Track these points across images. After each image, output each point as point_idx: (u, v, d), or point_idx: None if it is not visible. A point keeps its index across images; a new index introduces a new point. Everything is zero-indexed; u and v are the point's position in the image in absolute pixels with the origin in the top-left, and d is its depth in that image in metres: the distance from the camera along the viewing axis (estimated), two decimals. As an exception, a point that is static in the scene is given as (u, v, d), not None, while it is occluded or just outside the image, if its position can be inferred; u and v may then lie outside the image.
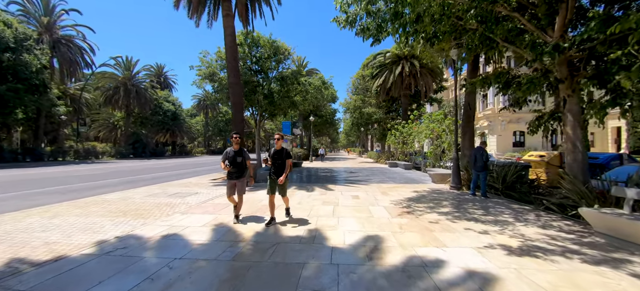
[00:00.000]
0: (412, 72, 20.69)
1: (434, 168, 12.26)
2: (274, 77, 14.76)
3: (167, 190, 8.86)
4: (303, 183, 10.64)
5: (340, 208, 6.23)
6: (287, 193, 5.38)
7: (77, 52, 28.32)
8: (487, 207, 6.36)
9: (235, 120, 12.42)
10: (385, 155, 24.16)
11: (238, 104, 12.33)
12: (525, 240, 4.06)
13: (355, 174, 14.56)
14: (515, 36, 6.23)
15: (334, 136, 71.99)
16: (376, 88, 22.88)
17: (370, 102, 26.04)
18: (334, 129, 48.96)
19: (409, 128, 16.62)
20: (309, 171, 17.02)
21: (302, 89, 15.83)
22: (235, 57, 12.45)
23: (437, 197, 7.70)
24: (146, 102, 36.78)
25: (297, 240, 4.08)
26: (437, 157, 13.79)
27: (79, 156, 29.28)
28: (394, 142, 20.10)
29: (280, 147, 5.05)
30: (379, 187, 9.71)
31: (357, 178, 12.74)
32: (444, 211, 5.92)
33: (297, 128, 27.58)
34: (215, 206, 6.42)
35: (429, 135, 13.86)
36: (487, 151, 7.50)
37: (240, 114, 12.42)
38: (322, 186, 9.81)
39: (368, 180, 11.72)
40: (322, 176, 13.71)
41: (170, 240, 4.03)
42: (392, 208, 6.17)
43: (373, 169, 18.07)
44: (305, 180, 12.15)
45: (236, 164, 4.99)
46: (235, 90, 12.30)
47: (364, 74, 26.53)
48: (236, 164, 4.99)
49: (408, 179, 12.09)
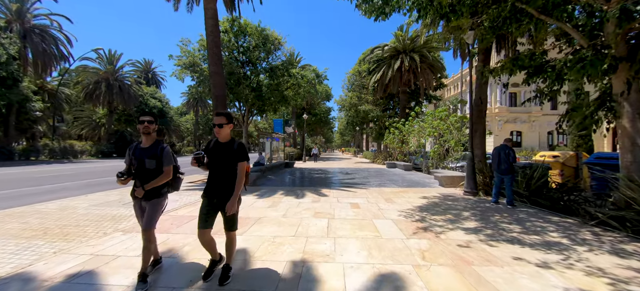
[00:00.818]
0: (411, 67, 19.45)
1: (442, 170, 10.98)
2: (263, 69, 13.31)
3: (126, 196, 7.35)
4: (293, 187, 9.24)
5: (337, 222, 4.85)
6: (277, 195, 3.92)
7: (52, 43, 26.24)
8: (520, 219, 5.07)
9: (215, 113, 10.92)
10: (382, 155, 22.93)
11: (220, 97, 10.85)
12: (612, 280, 2.75)
13: (352, 176, 13.22)
14: (556, 6, 4.95)
15: (329, 135, 70.75)
16: (373, 85, 21.59)
17: (366, 99, 24.75)
18: (328, 128, 47.64)
19: (409, 126, 15.39)
20: (301, 172, 15.61)
21: (294, 82, 14.41)
22: (217, 43, 10.96)
23: (452, 205, 6.39)
24: (130, 99, 34.75)
25: None
26: (441, 157, 12.56)
27: (55, 155, 27.25)
28: (393, 142, 18.84)
29: (229, 137, 2.74)
30: (381, 191, 8.37)
31: (354, 180, 11.40)
32: (469, 226, 4.60)
33: (290, 126, 26.14)
34: (175, 220, 4.97)
35: (432, 133, 12.62)
36: (513, 149, 6.22)
37: (222, 108, 10.94)
38: (315, 191, 8.42)
39: (366, 183, 10.38)
40: (315, 178, 12.33)
41: (73, 286, 2.58)
42: (403, 223, 4.82)
43: (370, 170, 16.77)
44: (297, 182, 10.75)
45: (143, 172, 2.68)
46: (217, 81, 10.82)
47: (360, 70, 25.23)
48: (143, 172, 2.68)
49: (411, 182, 10.79)
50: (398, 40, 20.28)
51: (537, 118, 36.57)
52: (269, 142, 19.59)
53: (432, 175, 12.07)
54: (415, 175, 13.67)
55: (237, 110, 15.87)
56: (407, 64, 18.94)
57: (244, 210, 5.65)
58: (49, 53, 26.20)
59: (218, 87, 10.85)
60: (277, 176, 12.96)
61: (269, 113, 20.24)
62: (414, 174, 13.99)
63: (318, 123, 37.64)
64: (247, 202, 6.57)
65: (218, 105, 10.87)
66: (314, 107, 34.64)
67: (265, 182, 10.74)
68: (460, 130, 12.08)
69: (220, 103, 10.89)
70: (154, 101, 38.29)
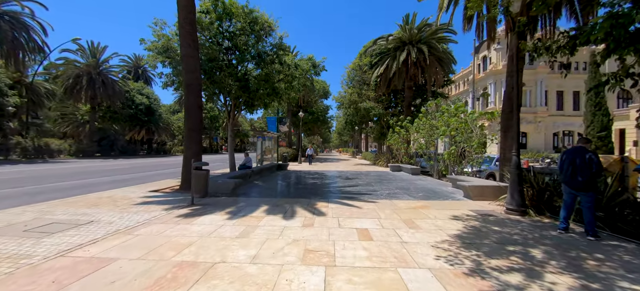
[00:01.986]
0: (419, 59, 17.52)
1: (463, 177, 9.05)
2: (251, 56, 11.28)
3: (54, 211, 5.35)
4: (281, 199, 7.25)
5: (341, 274, 2.89)
6: (257, 213, 3.37)
7: (23, 31, 23.95)
8: (628, 266, 3.15)
9: (189, 109, 8.93)
10: (384, 157, 21.02)
11: (194, 86, 8.84)
12: None
13: (354, 182, 11.28)
14: None
15: (326, 135, 68.89)
16: (375, 79, 19.65)
17: (368, 96, 22.78)
18: (326, 127, 45.70)
19: (418, 124, 13.48)
20: (295, 176, 13.64)
21: (286, 73, 12.41)
22: (190, 20, 8.93)
23: (504, 233, 4.46)
24: (115, 94, 32.51)
25: None
26: (457, 161, 10.68)
27: (28, 154, 25.01)
28: (397, 142, 16.94)
29: None
30: (395, 207, 6.43)
31: (357, 188, 9.45)
32: (562, 285, 2.67)
33: (284, 124, 24.15)
34: (70, 267, 2.97)
35: (447, 132, 10.71)
36: (596, 154, 4.29)
37: (196, 99, 8.93)
38: (308, 205, 6.45)
39: (373, 193, 8.43)
40: (309, 184, 10.36)
41: None
42: (450, 277, 2.87)
43: (373, 174, 14.83)
44: (287, 191, 8.75)
45: None
46: (190, 66, 8.82)
47: (361, 64, 23.30)
48: None
49: (427, 191, 8.86)
50: (404, 30, 18.36)
51: (543, 119, 35.05)
52: (260, 141, 17.61)
53: (449, 182, 10.18)
54: (426, 180, 11.76)
55: (222, 105, 13.86)
56: (414, 55, 17.00)
57: (197, 244, 3.69)
58: (20, 42, 23.89)
59: (191, 73, 8.84)
60: (266, 181, 10.98)
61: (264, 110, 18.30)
62: (424, 179, 12.08)
63: (315, 122, 35.68)
64: (210, 226, 4.60)
65: (190, 97, 8.85)
66: (310, 105, 32.67)
67: (248, 190, 8.75)
68: (482, 129, 10.18)
69: (193, 94, 8.88)
70: (141, 97, 36.08)
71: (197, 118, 8.95)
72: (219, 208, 6.01)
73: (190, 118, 8.85)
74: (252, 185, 9.69)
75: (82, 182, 11.05)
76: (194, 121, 8.86)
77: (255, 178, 11.64)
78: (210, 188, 7.44)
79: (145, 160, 28.42)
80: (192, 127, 8.82)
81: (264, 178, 11.96)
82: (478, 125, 10.24)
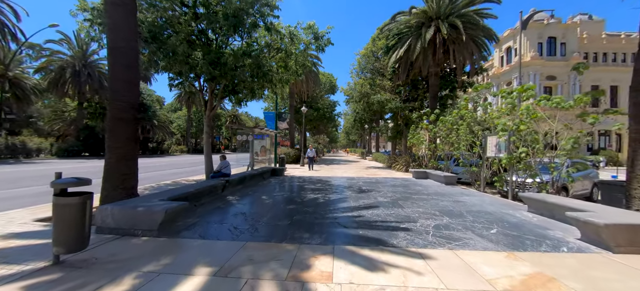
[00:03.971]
0: (450, 37, 13.85)
1: (581, 204, 5.42)
2: (223, 17, 7.93)
3: None
4: (250, 242, 3.87)
5: None
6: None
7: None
8: None
9: (114, 84, 5.68)
10: (402, 159, 17.45)
11: (122, 50, 5.60)
12: None
13: (371, 197, 7.83)
14: None
15: (333, 134, 65.46)
16: (393, 65, 16.12)
17: (382, 86, 19.15)
18: (332, 126, 42.25)
19: (452, 118, 9.99)
20: (290, 186, 10.30)
21: (277, 44, 9.07)
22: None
23: None
24: (102, 89, 29.83)
25: None
26: (531, 171, 7.14)
27: (0, 154, 22.44)
28: (422, 141, 13.44)
29: None
30: (469, 271, 2.99)
31: (379, 211, 5.99)
32: None
33: (284, 120, 20.89)
34: None
35: (516, 126, 7.20)
36: None
37: (126, 72, 5.65)
38: (294, 264, 3.06)
39: (407, 222, 4.99)
40: (307, 203, 6.96)
41: None
42: None
43: (394, 183, 11.36)
44: (266, 220, 5.33)
45: None
46: (117, 20, 5.58)
47: (375, 49, 19.78)
48: None
49: (497, 222, 5.36)
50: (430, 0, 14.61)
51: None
52: (251, 140, 14.40)
53: (521, 203, 6.68)
54: (473, 195, 8.24)
55: (198, 92, 10.68)
56: (445, 31, 13.32)
57: None
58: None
59: (118, 31, 5.59)
60: (243, 198, 7.67)
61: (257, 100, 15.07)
62: (469, 194, 8.56)
63: (321, 119, 32.28)
64: None
65: (116, 67, 5.59)
66: (315, 100, 29.30)
67: (202, 218, 5.43)
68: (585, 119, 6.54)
69: (121, 64, 5.62)
70: (132, 92, 33.30)
71: (127, 99, 5.68)
72: (94, 283, 2.70)
73: (116, 101, 5.59)
74: (216, 208, 6.38)
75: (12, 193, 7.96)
76: (121, 105, 5.60)
77: (232, 192, 8.35)
78: (124, 222, 4.17)
79: (132, 160, 25.50)
80: (119, 114, 5.58)
81: (245, 192, 8.66)
82: (577, 114, 6.61)
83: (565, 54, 34.91)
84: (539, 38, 34.23)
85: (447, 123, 10.74)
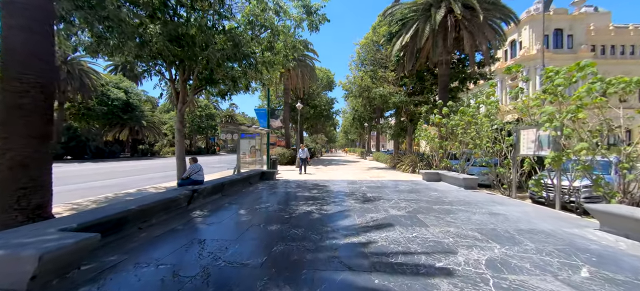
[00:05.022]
0: (464, 19, 12.07)
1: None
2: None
3: None
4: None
5: None
6: None
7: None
8: None
9: (7, 48, 3.88)
10: (408, 159, 15.73)
11: (18, 5, 3.80)
12: None
13: (380, 209, 6.07)
14: None
15: (331, 133, 63.72)
16: (397, 53, 14.40)
17: (385, 78, 17.36)
18: (330, 124, 40.49)
19: (470, 110, 8.28)
20: (278, 196, 8.51)
21: (260, 19, 7.30)
22: None
23: None
24: (83, 88, 27.92)
25: None
26: (590, 172, 5.44)
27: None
28: (432, 138, 11.74)
29: None
30: None
31: (395, 234, 4.23)
32: None
33: (277, 118, 19.11)
34: None
35: (564, 116, 5.49)
36: None
37: (21, 33, 3.86)
38: None
39: (458, 272, 3.21)
40: (294, 223, 5.17)
41: None
42: None
43: (404, 188, 9.61)
44: (227, 259, 3.51)
45: None
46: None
47: (376, 39, 18.05)
48: None
49: (590, 258, 3.63)
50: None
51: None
52: (237, 139, 12.67)
53: (593, 220, 4.99)
54: (507, 204, 6.52)
55: (169, 82, 8.93)
56: (458, 10, 11.55)
57: None
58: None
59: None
60: (215, 212, 5.90)
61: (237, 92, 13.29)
62: (503, 203, 6.84)
63: (318, 117, 30.51)
64: None
65: (12, 28, 3.81)
66: (312, 97, 27.52)
67: (145, 247, 3.63)
68: None
69: (17, 22, 3.84)
70: (117, 92, 31.42)
71: (28, 77, 3.88)
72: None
73: (11, 80, 3.79)
74: (168, 232, 4.60)
75: None
76: (18, 86, 3.80)
77: (203, 204, 6.56)
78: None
79: (117, 164, 23.65)
80: (14, 99, 3.78)
81: (219, 204, 6.89)
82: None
83: (573, 46, 33.46)
84: (545, 30, 32.75)
85: (466, 116, 9.01)
